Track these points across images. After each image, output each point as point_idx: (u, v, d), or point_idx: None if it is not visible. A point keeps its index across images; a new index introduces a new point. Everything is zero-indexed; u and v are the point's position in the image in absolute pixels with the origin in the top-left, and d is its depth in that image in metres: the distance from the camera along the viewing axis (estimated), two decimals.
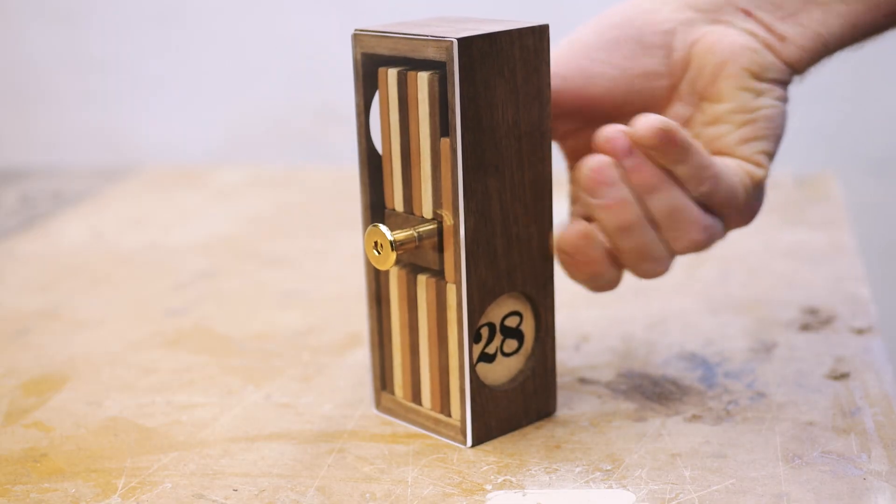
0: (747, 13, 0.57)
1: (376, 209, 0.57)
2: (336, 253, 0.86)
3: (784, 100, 0.58)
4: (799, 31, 0.57)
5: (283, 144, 1.52)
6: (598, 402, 0.60)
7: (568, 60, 0.57)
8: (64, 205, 1.00)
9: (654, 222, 0.55)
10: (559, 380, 0.62)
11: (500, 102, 0.53)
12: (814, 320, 0.69)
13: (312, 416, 0.59)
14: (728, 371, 0.63)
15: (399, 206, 0.56)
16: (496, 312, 0.56)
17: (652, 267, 0.56)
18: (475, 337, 0.55)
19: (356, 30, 0.56)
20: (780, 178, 0.97)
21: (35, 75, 1.56)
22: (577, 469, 0.53)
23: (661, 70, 0.58)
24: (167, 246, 0.89)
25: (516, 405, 0.57)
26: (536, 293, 0.56)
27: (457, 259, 0.54)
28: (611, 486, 0.52)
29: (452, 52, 0.51)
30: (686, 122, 0.58)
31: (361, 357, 0.67)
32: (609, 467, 0.53)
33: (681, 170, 0.54)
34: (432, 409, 0.57)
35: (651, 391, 0.61)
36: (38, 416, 0.60)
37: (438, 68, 0.53)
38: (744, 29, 0.57)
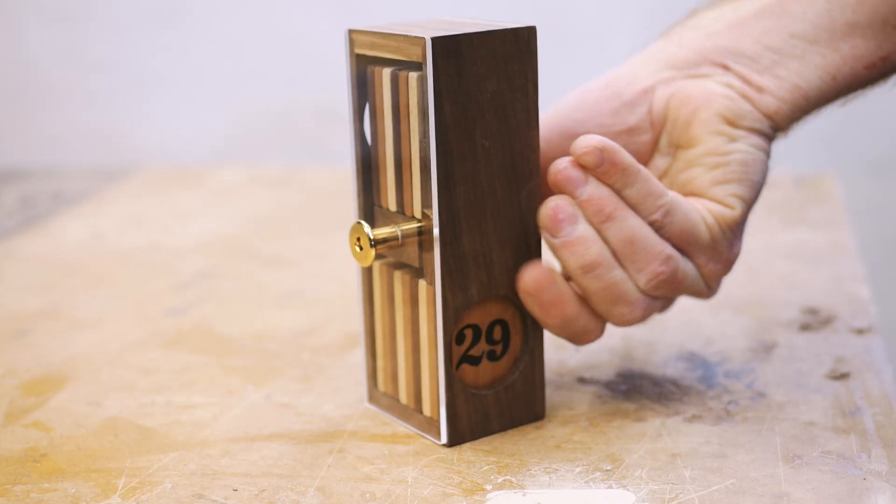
0: (724, 67, 0.58)
1: (368, 207, 0.57)
2: (336, 253, 0.86)
3: (763, 149, 0.58)
4: (776, 84, 0.58)
5: (283, 144, 1.52)
6: (598, 402, 0.60)
7: (551, 123, 0.58)
8: (64, 205, 1.00)
9: (616, 256, 0.55)
10: (559, 380, 0.62)
11: (480, 104, 0.53)
12: (814, 320, 0.69)
13: (312, 416, 0.59)
14: (728, 371, 0.63)
15: (392, 205, 0.56)
16: (481, 315, 0.56)
17: (627, 310, 0.56)
18: (458, 338, 0.55)
19: (350, 29, 0.56)
20: (780, 178, 0.97)
21: (35, 75, 1.56)
22: (577, 469, 0.53)
23: (644, 126, 0.58)
24: (167, 246, 0.89)
25: (499, 409, 0.57)
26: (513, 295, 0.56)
27: (433, 259, 0.54)
28: (611, 486, 0.52)
29: (426, 51, 0.51)
30: (664, 173, 0.59)
31: (361, 357, 0.67)
32: (609, 467, 0.53)
33: (630, 194, 0.54)
34: (408, 404, 0.57)
35: (651, 391, 0.61)
36: (37, 416, 0.60)
37: None
38: (721, 81, 0.58)
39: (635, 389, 0.61)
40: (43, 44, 1.54)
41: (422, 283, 0.55)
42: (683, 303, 0.72)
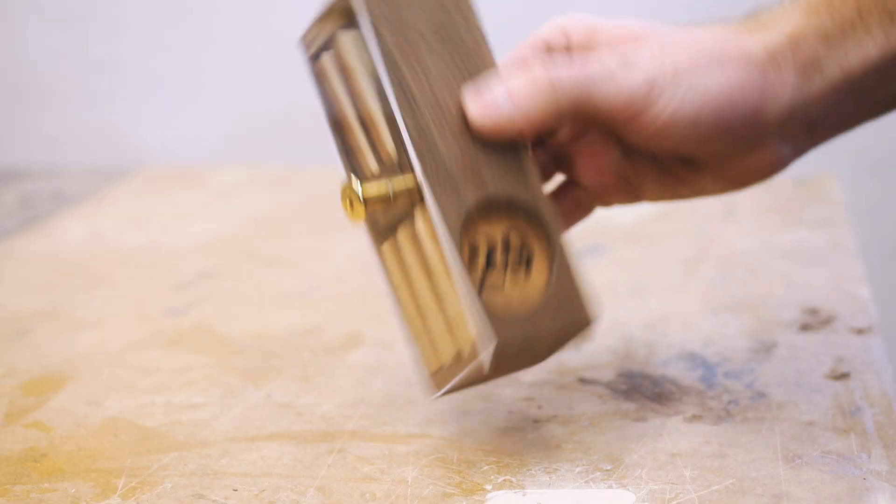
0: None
1: (357, 172, 0.57)
2: (336, 253, 0.86)
3: None
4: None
5: (283, 144, 1.52)
6: (598, 402, 0.60)
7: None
8: (64, 205, 1.00)
9: None
10: (559, 379, 0.62)
11: (417, 25, 0.54)
12: (814, 320, 0.69)
13: (312, 416, 0.59)
14: (728, 371, 0.63)
15: (373, 166, 0.56)
16: (489, 233, 0.54)
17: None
18: (470, 258, 0.53)
19: (301, 38, 0.57)
20: (779, 178, 0.97)
21: (35, 75, 1.56)
22: (577, 469, 0.53)
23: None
24: (167, 246, 0.89)
25: (540, 326, 0.53)
26: (525, 201, 0.54)
27: (419, 176, 0.52)
28: (611, 486, 0.52)
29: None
30: None
31: (361, 357, 0.67)
32: (609, 467, 0.53)
33: None
34: (464, 352, 0.53)
35: (651, 391, 0.61)
36: (38, 416, 0.60)
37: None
38: None
39: (635, 389, 0.61)
40: (43, 44, 1.54)
41: (418, 222, 0.53)
42: (683, 303, 0.72)
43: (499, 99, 0.53)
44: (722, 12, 0.63)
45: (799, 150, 0.57)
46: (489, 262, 0.53)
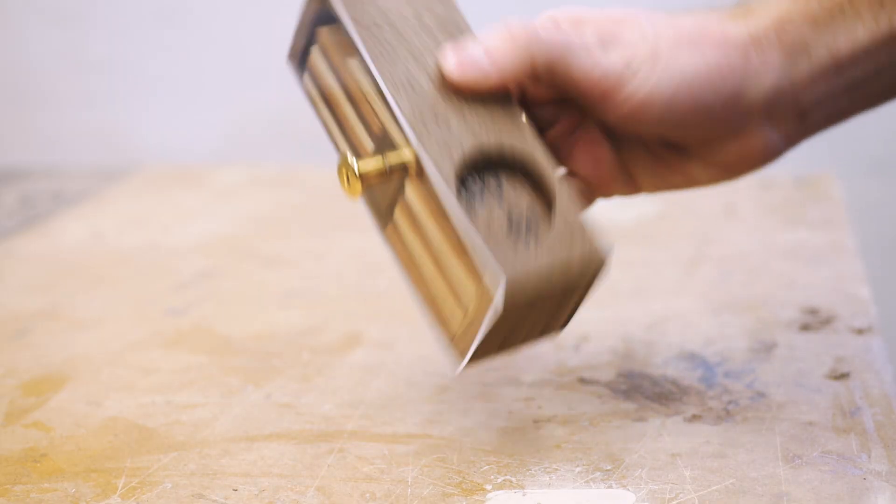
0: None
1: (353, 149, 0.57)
2: (336, 253, 0.86)
3: None
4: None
5: (283, 144, 1.52)
6: (598, 402, 0.60)
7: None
8: (64, 205, 1.00)
9: None
10: (559, 379, 0.62)
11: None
12: (814, 320, 0.69)
13: (312, 416, 0.59)
14: (728, 371, 0.63)
15: (367, 142, 0.56)
16: (488, 183, 0.53)
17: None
18: (468, 201, 0.52)
19: (287, 58, 0.59)
20: (780, 178, 0.97)
21: (35, 75, 1.56)
22: (577, 469, 0.53)
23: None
24: (167, 246, 0.89)
25: (550, 271, 0.51)
26: (514, 141, 0.53)
27: (415, 153, 0.52)
28: (611, 486, 0.52)
29: None
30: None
31: (361, 357, 0.67)
32: (609, 467, 0.53)
33: None
34: (477, 299, 0.52)
35: (651, 391, 0.61)
36: (38, 416, 0.60)
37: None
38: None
39: (635, 389, 0.61)
40: (43, 44, 1.54)
41: (409, 192, 0.53)
42: (683, 303, 0.72)
43: (475, 53, 0.54)
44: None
45: (791, 139, 0.56)
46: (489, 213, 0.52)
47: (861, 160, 1.37)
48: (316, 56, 0.57)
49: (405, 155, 0.53)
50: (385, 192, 0.56)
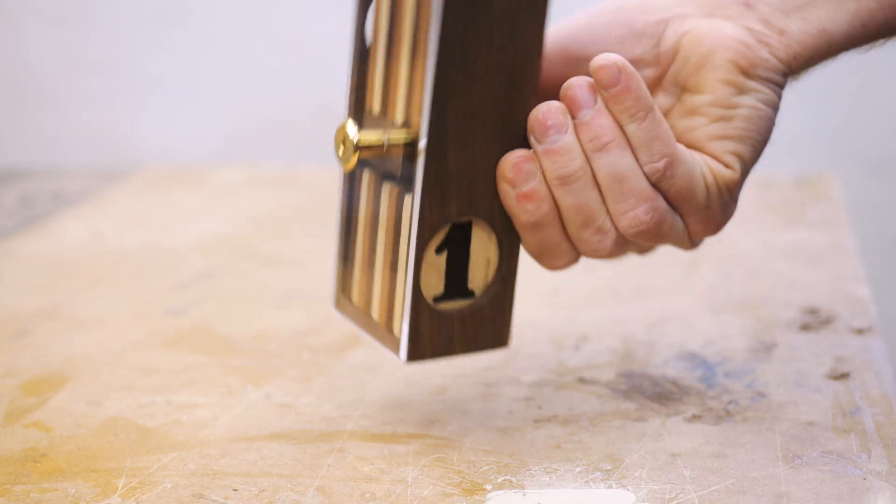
0: (747, 5, 0.55)
1: (359, 109, 0.56)
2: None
3: (772, 104, 0.55)
4: (801, 27, 0.55)
5: (283, 144, 1.52)
6: (598, 402, 0.60)
7: (553, 43, 0.56)
8: (64, 205, 1.00)
9: (600, 191, 0.53)
10: (559, 379, 0.62)
11: (487, 19, 0.51)
12: (814, 320, 0.69)
13: (312, 416, 0.59)
14: (728, 371, 0.63)
15: (377, 105, 0.55)
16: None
17: (596, 238, 0.54)
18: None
19: None
20: (780, 178, 0.97)
21: (35, 76, 1.56)
22: (577, 469, 0.53)
23: (649, 58, 0.56)
24: (167, 246, 0.89)
25: (464, 332, 0.55)
26: (502, 226, 0.55)
27: (416, 170, 0.52)
28: (611, 486, 0.52)
29: None
30: (666, 113, 0.56)
31: (361, 357, 0.67)
32: (609, 467, 0.53)
33: (634, 130, 0.53)
34: (379, 321, 0.56)
35: (651, 391, 0.61)
36: (38, 416, 0.60)
37: None
38: (740, 24, 0.55)
39: (635, 389, 0.61)
40: (43, 44, 1.54)
41: (407, 199, 0.54)
42: (683, 303, 0.72)
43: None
44: None
45: None
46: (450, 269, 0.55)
47: (861, 160, 1.37)
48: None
49: (409, 135, 0.53)
50: (376, 159, 0.56)
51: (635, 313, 0.71)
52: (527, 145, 0.54)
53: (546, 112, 0.53)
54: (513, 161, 0.53)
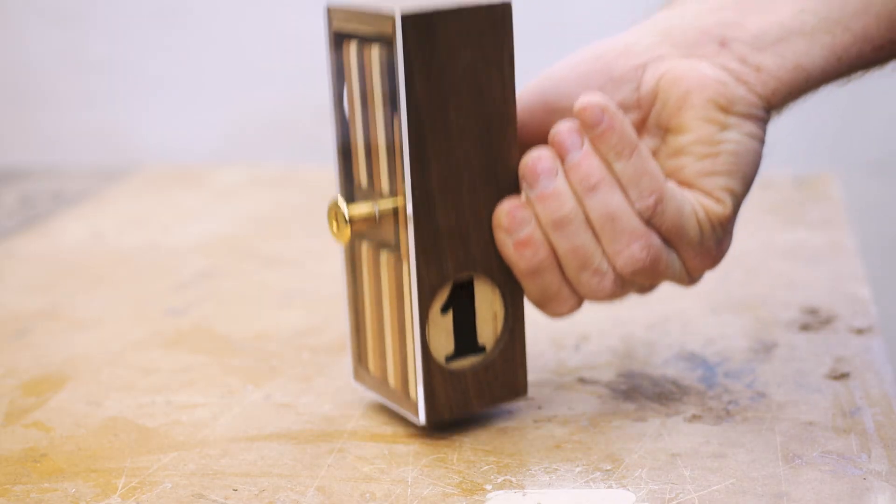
0: (723, 44, 0.56)
1: (349, 190, 0.57)
2: (336, 253, 0.86)
3: (757, 137, 0.56)
4: (777, 62, 0.55)
5: (283, 144, 1.52)
6: (598, 402, 0.60)
7: (535, 93, 0.57)
8: (64, 205, 1.00)
9: (593, 231, 0.54)
10: (559, 379, 0.62)
11: (453, 79, 0.52)
12: (814, 320, 0.69)
13: (312, 416, 0.59)
14: (728, 371, 0.63)
15: (363, 179, 0.56)
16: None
17: (595, 280, 0.55)
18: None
19: (328, 6, 0.56)
20: (779, 178, 0.97)
21: (35, 76, 1.56)
22: (577, 469, 0.53)
23: (631, 103, 0.57)
24: (167, 246, 0.89)
25: (478, 387, 0.56)
26: (503, 278, 0.56)
27: (408, 236, 0.53)
28: (611, 486, 0.52)
29: (396, 27, 0.51)
30: (653, 156, 0.57)
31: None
32: (609, 467, 0.53)
33: (622, 168, 0.53)
34: (395, 387, 0.57)
35: (651, 391, 0.61)
36: (38, 416, 0.61)
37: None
38: (716, 63, 0.56)
39: (635, 389, 0.61)
40: (43, 44, 1.54)
41: (404, 265, 0.54)
42: (683, 303, 0.72)
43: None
44: None
45: None
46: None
47: (861, 160, 1.38)
48: (354, 50, 0.55)
49: (398, 202, 0.54)
50: (371, 230, 0.57)
51: (635, 313, 0.71)
52: (514, 192, 0.55)
53: (536, 159, 0.54)
54: (507, 209, 0.54)
